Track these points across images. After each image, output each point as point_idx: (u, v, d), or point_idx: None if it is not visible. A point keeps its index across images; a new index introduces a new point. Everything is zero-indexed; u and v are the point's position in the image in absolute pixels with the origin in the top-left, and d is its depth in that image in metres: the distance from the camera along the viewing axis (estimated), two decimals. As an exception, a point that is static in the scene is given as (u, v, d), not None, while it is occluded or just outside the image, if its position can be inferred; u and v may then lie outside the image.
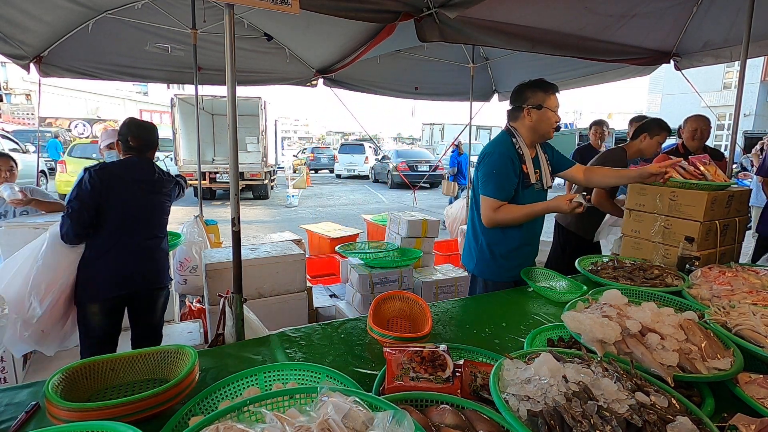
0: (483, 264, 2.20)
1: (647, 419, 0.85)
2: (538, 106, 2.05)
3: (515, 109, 2.13)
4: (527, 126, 2.09)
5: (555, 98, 2.07)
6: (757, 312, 1.37)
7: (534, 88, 2.07)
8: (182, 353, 1.20)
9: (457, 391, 1.01)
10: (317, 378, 1.12)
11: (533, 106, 2.05)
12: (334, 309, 3.48)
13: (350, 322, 1.64)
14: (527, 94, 2.08)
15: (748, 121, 19.44)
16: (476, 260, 2.22)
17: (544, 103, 2.04)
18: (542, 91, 2.05)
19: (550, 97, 2.05)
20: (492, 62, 5.16)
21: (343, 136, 49.90)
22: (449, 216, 5.79)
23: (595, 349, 1.17)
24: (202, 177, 6.21)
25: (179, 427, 0.93)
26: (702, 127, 3.56)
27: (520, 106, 2.09)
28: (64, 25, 3.51)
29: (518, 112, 2.11)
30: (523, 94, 2.09)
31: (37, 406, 1.07)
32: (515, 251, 2.17)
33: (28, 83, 21.63)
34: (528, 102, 2.06)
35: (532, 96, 2.06)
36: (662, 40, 3.77)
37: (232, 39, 1.57)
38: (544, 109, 2.04)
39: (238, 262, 1.67)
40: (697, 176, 2.24)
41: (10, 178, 2.83)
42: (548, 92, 2.06)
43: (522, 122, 2.10)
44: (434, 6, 2.46)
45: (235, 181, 1.66)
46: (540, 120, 2.06)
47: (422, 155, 18.50)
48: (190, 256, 3.60)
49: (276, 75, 4.64)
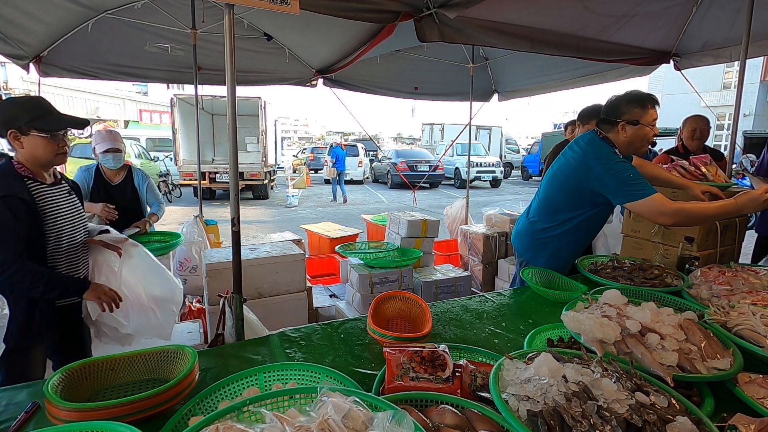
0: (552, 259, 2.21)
1: (647, 419, 0.85)
2: (634, 122, 1.94)
3: (608, 122, 2.01)
4: (621, 140, 1.98)
5: (653, 112, 1.95)
6: (756, 312, 1.37)
7: (630, 103, 1.95)
8: (182, 353, 1.20)
9: (457, 391, 1.01)
10: (317, 378, 1.12)
11: (629, 122, 1.95)
12: (334, 309, 3.48)
13: (350, 322, 1.64)
14: (622, 109, 1.96)
15: (747, 121, 19.46)
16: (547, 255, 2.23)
17: (640, 119, 1.93)
18: (639, 107, 1.94)
19: (648, 112, 1.93)
20: (492, 62, 5.16)
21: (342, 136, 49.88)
22: (449, 216, 5.78)
23: (595, 349, 1.17)
24: (202, 177, 6.20)
25: (179, 427, 0.93)
26: (701, 126, 3.57)
27: (615, 120, 1.98)
28: (63, 25, 3.51)
29: (612, 125, 2.00)
30: (618, 109, 1.98)
31: (36, 406, 1.07)
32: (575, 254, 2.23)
33: (28, 83, 21.62)
34: (623, 117, 1.95)
35: (628, 111, 1.95)
36: (662, 40, 3.78)
37: (232, 39, 1.57)
38: (640, 125, 1.94)
39: (237, 262, 1.67)
40: (698, 176, 2.24)
41: None
42: (645, 107, 1.94)
43: (616, 135, 1.99)
44: (434, 6, 2.46)
45: (234, 181, 1.66)
46: (635, 136, 1.95)
47: (422, 155, 18.45)
48: (190, 256, 3.60)
49: (276, 75, 4.64)
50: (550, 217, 2.19)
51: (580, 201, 2.08)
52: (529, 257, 2.29)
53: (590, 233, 2.25)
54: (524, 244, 2.34)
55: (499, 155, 22.30)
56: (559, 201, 2.16)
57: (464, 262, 4.43)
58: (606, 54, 3.56)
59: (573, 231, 2.15)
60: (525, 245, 2.33)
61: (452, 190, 16.53)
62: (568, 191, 2.10)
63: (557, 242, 2.19)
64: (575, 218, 2.12)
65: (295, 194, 12.55)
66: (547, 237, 2.21)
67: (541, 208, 2.25)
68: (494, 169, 17.61)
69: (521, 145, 26.97)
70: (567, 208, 2.12)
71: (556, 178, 2.17)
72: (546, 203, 2.22)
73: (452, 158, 17.77)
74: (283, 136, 32.93)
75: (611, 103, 2.03)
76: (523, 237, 2.35)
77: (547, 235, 2.20)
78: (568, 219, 2.13)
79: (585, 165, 1.98)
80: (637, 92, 1.99)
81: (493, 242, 4.12)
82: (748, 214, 2.11)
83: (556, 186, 2.16)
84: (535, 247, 2.26)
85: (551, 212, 2.19)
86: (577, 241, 2.21)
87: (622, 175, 1.87)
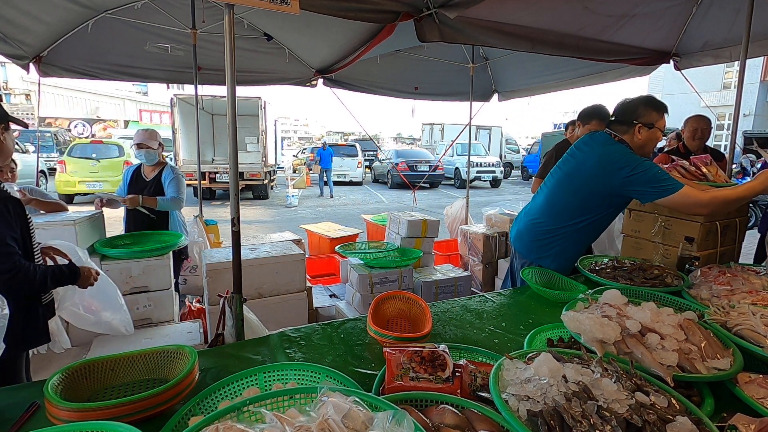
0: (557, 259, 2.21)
1: (647, 419, 0.85)
2: (649, 125, 1.99)
3: (624, 123, 2.04)
4: (635, 142, 2.02)
5: (665, 119, 2.02)
6: (756, 312, 1.37)
7: (648, 106, 2.01)
8: (182, 353, 1.20)
9: (457, 391, 1.01)
10: (317, 378, 1.12)
11: (645, 124, 1.99)
12: (334, 309, 3.48)
13: (350, 322, 1.64)
14: (640, 111, 2.01)
15: (747, 121, 19.45)
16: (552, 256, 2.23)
17: (656, 123, 1.99)
18: (656, 111, 2.00)
19: (663, 118, 2.01)
20: (492, 62, 5.16)
21: (342, 136, 49.85)
22: (449, 216, 5.78)
23: (595, 349, 1.17)
24: (202, 177, 6.21)
25: (179, 427, 0.93)
26: (702, 127, 3.57)
27: (632, 122, 2.02)
28: (63, 25, 3.51)
29: (628, 127, 2.03)
30: (636, 110, 2.02)
31: (36, 406, 1.07)
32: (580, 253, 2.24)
33: (28, 83, 21.64)
34: (641, 119, 2.00)
35: (646, 114, 2.00)
36: (662, 40, 3.78)
37: (232, 39, 1.57)
38: (654, 129, 1.99)
39: (237, 262, 1.67)
40: (699, 177, 2.24)
41: (11, 179, 2.82)
42: (661, 112, 2.01)
43: (631, 137, 2.02)
44: (434, 6, 2.46)
45: (234, 181, 1.66)
46: (648, 139, 2.01)
47: (422, 155, 18.44)
48: (190, 256, 3.60)
49: (276, 75, 4.64)
50: (557, 219, 2.18)
51: (594, 203, 2.08)
52: (533, 258, 2.27)
53: (596, 234, 2.26)
54: (527, 245, 2.32)
55: (499, 155, 22.29)
56: (570, 203, 2.15)
57: (464, 262, 4.43)
58: (606, 54, 3.56)
59: (581, 232, 2.15)
60: (528, 246, 2.31)
61: (452, 190, 16.52)
62: (582, 194, 2.09)
63: (563, 242, 2.18)
64: (585, 220, 2.12)
65: (295, 194, 12.55)
66: (552, 238, 2.20)
67: (547, 208, 2.24)
68: (494, 169, 17.61)
69: (521, 145, 26.97)
70: (578, 210, 2.12)
71: (569, 180, 2.15)
72: (554, 204, 2.21)
73: (452, 158, 17.76)
74: (283, 136, 32.92)
75: (627, 105, 2.05)
76: (525, 238, 2.33)
77: (553, 236, 2.20)
78: (578, 221, 2.13)
79: (608, 167, 1.98)
80: (653, 97, 2.04)
81: (493, 242, 4.12)
82: (748, 214, 2.11)
83: (569, 188, 2.15)
84: (539, 247, 2.25)
85: (559, 214, 2.18)
86: (581, 242, 2.22)
87: (650, 173, 1.89)
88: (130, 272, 2.67)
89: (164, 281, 2.79)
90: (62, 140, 16.92)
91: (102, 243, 2.78)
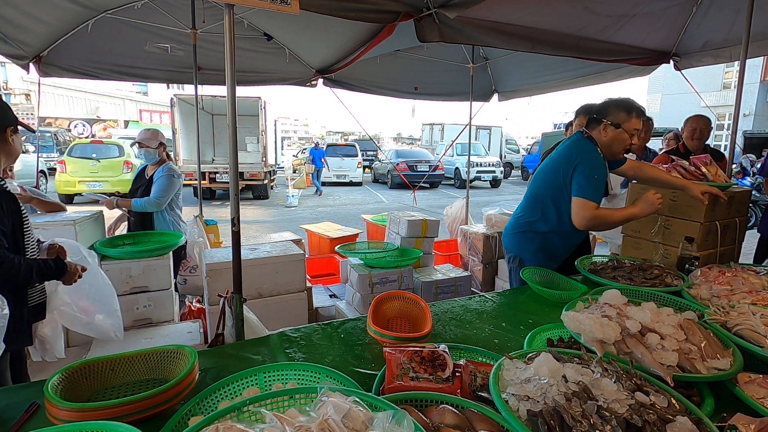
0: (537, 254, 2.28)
1: (647, 419, 0.85)
2: (616, 125, 2.05)
3: (595, 120, 2.13)
4: (602, 141, 2.11)
5: (636, 122, 2.06)
6: (756, 312, 1.37)
7: (619, 107, 2.07)
8: (182, 353, 1.20)
9: (457, 391, 1.01)
10: (317, 378, 1.12)
11: (612, 123, 2.06)
12: (334, 309, 3.48)
13: (350, 322, 1.64)
14: (610, 111, 2.08)
15: (747, 121, 19.44)
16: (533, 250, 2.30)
17: (623, 123, 2.04)
18: (625, 112, 2.05)
19: (631, 120, 2.05)
20: (492, 62, 5.15)
21: (342, 136, 49.80)
22: (449, 216, 5.78)
23: (595, 349, 1.17)
24: (202, 177, 6.20)
25: (179, 427, 0.93)
26: (702, 127, 3.57)
27: (599, 120, 2.10)
28: (63, 25, 3.51)
29: (597, 124, 2.12)
30: (606, 110, 2.09)
31: (36, 406, 1.07)
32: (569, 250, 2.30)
33: (28, 83, 21.63)
34: (608, 118, 2.07)
35: (614, 114, 2.06)
36: (662, 40, 3.78)
37: (232, 39, 1.57)
38: (620, 130, 2.05)
39: (237, 262, 1.67)
40: (699, 177, 2.24)
41: (10, 178, 2.82)
42: (630, 114, 2.05)
43: (598, 135, 2.12)
44: (434, 6, 2.46)
45: (234, 181, 1.66)
46: (614, 139, 2.07)
47: (422, 155, 18.44)
48: (190, 256, 3.60)
49: (276, 75, 4.64)
50: (534, 211, 2.27)
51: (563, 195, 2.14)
52: (517, 252, 2.36)
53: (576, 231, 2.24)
54: (511, 240, 2.41)
55: (499, 155, 22.28)
56: (543, 195, 2.24)
57: (464, 262, 4.43)
58: (606, 54, 3.56)
59: (556, 226, 2.20)
60: (512, 241, 2.40)
61: (452, 190, 16.52)
62: (552, 185, 2.18)
63: (541, 237, 2.26)
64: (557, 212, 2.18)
65: (295, 194, 12.55)
66: (531, 231, 2.28)
67: (526, 202, 2.34)
68: (494, 169, 17.61)
69: (521, 145, 26.95)
70: (550, 202, 2.20)
71: (542, 172, 2.27)
72: (532, 197, 2.31)
73: (452, 158, 17.76)
74: (283, 136, 32.91)
75: (603, 104, 2.15)
76: (510, 231, 2.43)
77: (531, 229, 2.28)
78: (551, 213, 2.21)
79: (569, 159, 2.10)
80: (628, 100, 2.10)
81: (493, 242, 4.12)
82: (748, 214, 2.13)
83: (545, 182, 2.25)
84: (521, 241, 2.34)
85: (535, 206, 2.27)
86: (562, 238, 2.25)
87: (592, 173, 2.03)
88: (130, 272, 2.67)
89: (164, 281, 2.79)
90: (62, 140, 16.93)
91: (102, 243, 2.78)
